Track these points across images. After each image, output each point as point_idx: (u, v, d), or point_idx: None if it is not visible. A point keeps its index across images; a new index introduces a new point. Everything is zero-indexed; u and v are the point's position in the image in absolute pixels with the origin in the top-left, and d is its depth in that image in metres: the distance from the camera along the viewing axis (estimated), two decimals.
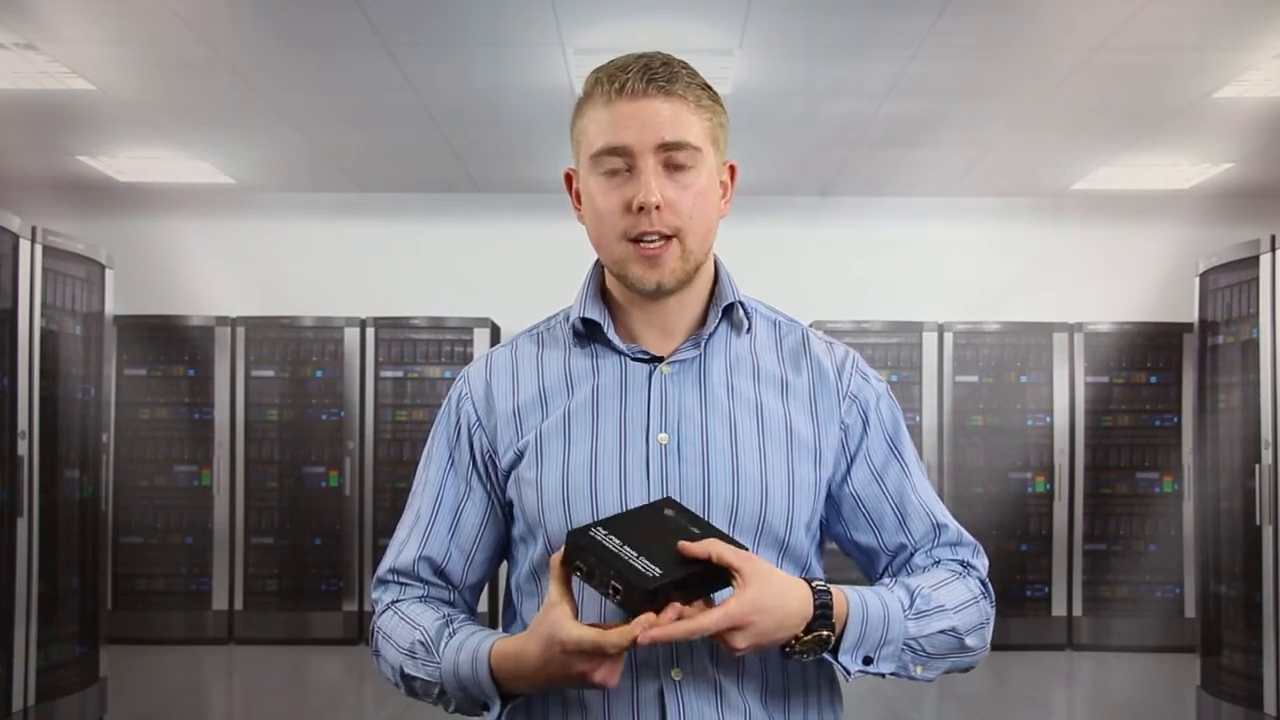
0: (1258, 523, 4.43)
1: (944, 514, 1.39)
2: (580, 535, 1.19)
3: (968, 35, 4.46)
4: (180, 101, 5.38)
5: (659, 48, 1.37)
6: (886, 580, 1.33)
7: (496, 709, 1.26)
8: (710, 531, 1.21)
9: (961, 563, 1.36)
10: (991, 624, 1.34)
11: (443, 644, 1.28)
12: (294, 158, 6.39)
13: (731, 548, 1.18)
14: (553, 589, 1.19)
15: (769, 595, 1.17)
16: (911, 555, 1.36)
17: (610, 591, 1.16)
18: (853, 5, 4.26)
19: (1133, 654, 6.43)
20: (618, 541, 1.18)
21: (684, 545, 1.17)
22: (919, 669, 1.28)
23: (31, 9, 4.17)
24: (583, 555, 1.17)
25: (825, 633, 1.20)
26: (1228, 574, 4.74)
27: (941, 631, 1.28)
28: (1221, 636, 4.78)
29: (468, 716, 1.32)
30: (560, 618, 1.17)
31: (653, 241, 1.29)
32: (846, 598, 1.23)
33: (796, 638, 1.20)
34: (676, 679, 1.26)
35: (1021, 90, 5.13)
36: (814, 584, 1.22)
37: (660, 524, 1.22)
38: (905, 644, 1.26)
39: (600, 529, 1.20)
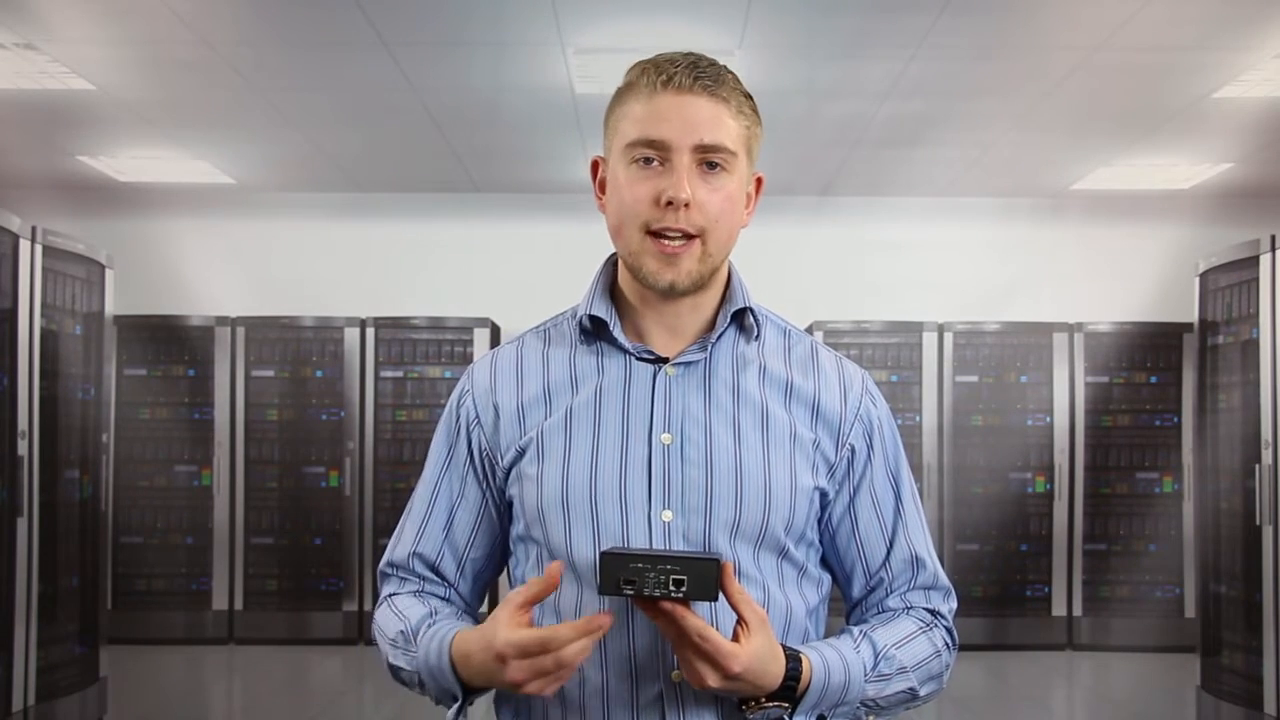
0: (1258, 523, 4.43)
1: (925, 549, 1.39)
2: (612, 554, 1.15)
3: (968, 35, 4.46)
4: (180, 101, 5.38)
5: (659, 48, 1.37)
6: (854, 631, 1.33)
7: (460, 700, 1.26)
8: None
9: (932, 611, 1.37)
10: (950, 669, 1.37)
11: (422, 633, 1.28)
12: (294, 158, 6.39)
13: (754, 602, 1.21)
14: (514, 594, 1.19)
15: (761, 659, 1.19)
16: (887, 595, 1.38)
17: (672, 586, 1.13)
18: (853, 5, 4.25)
19: (1133, 654, 6.42)
20: (646, 547, 1.18)
21: (727, 567, 1.17)
22: (870, 718, 1.33)
23: (31, 9, 4.17)
24: (626, 568, 1.14)
25: (785, 703, 1.23)
26: (1228, 574, 4.74)
27: (898, 691, 1.31)
28: (1221, 636, 4.77)
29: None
30: (501, 622, 1.17)
31: (674, 239, 1.28)
32: (812, 666, 1.24)
33: (756, 699, 1.22)
34: (676, 681, 1.26)
35: (1021, 90, 5.12)
36: (788, 653, 1.22)
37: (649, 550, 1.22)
38: (861, 702, 1.29)
39: (618, 549, 1.20)
